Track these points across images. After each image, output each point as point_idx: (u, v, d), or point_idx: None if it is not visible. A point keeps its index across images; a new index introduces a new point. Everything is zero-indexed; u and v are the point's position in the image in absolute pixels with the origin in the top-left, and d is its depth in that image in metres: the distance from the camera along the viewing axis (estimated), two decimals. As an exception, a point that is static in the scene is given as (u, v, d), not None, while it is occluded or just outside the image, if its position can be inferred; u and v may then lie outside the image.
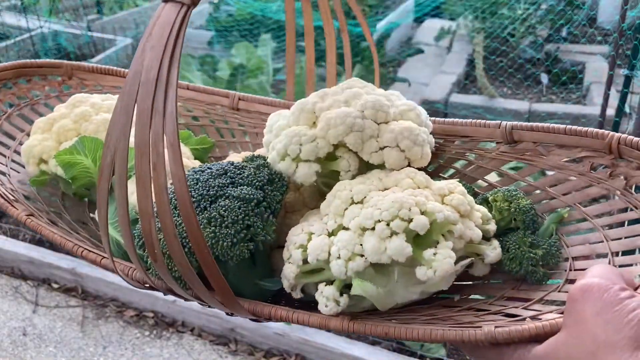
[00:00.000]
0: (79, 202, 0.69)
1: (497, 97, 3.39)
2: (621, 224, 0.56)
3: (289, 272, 0.50)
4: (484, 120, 0.64)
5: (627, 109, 2.46)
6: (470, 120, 0.65)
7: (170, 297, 1.87)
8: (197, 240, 0.38)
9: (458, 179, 0.62)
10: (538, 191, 0.63)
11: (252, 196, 0.50)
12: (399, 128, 0.54)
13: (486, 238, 0.54)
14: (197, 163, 0.69)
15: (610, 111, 2.70)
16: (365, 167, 0.56)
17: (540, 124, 0.61)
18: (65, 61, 0.77)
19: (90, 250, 0.55)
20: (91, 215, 0.68)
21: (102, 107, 0.69)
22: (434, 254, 0.46)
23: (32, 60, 0.75)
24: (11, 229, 2.61)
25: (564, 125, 0.60)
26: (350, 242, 0.46)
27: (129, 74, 0.37)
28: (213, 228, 0.48)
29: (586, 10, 4.01)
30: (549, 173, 0.62)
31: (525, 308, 0.51)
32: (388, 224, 0.46)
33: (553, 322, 0.43)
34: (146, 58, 0.36)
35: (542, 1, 3.80)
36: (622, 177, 0.55)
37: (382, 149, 0.54)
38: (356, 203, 0.50)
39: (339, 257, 0.46)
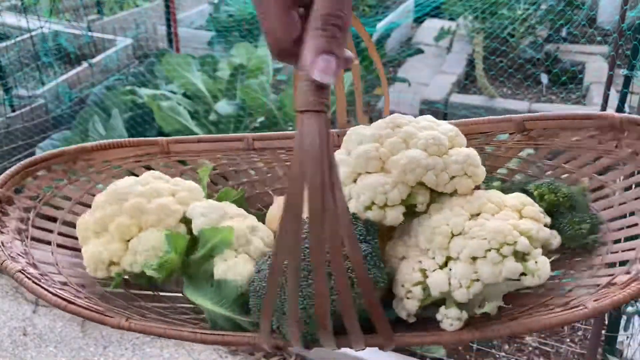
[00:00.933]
0: (143, 287, 0.69)
1: (497, 97, 3.39)
2: (637, 185, 0.66)
3: (411, 306, 0.57)
4: (498, 117, 0.73)
5: (626, 109, 2.46)
6: (487, 117, 0.73)
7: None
8: (370, 297, 0.45)
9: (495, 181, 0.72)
10: (552, 171, 0.72)
11: (367, 251, 0.56)
12: (461, 158, 0.61)
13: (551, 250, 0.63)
14: (249, 215, 0.71)
15: (610, 111, 2.71)
16: (435, 197, 0.62)
17: (548, 113, 0.70)
18: (66, 147, 0.74)
19: (231, 335, 0.59)
20: (172, 294, 0.69)
21: (149, 193, 0.69)
22: (535, 263, 0.54)
23: (34, 157, 0.73)
24: (11, 229, 2.62)
25: (570, 112, 0.69)
26: (466, 272, 0.54)
27: (291, 185, 0.41)
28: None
29: (586, 10, 4.01)
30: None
31: (595, 276, 0.59)
32: (498, 251, 0.54)
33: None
34: (307, 167, 0.40)
35: (542, 1, 3.80)
36: (627, 148, 0.65)
37: (451, 178, 0.61)
38: (456, 235, 0.57)
39: (460, 287, 0.54)
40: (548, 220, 0.62)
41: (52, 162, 0.74)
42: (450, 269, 0.55)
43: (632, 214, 0.63)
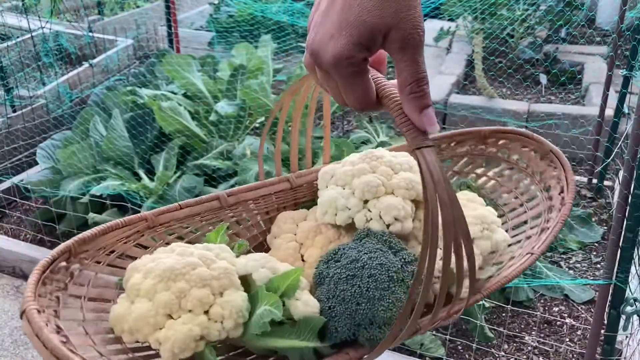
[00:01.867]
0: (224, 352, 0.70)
1: (496, 98, 3.40)
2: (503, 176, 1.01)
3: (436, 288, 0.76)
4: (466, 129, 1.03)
5: (625, 109, 2.47)
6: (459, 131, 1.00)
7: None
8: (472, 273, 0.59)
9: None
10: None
11: (410, 255, 0.73)
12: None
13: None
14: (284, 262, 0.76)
15: (609, 111, 2.71)
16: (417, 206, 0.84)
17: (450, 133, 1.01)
18: (66, 242, 0.72)
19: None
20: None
21: (194, 263, 0.67)
22: (499, 232, 0.83)
23: (38, 266, 0.69)
24: (12, 228, 2.62)
25: (460, 130, 1.01)
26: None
27: (430, 206, 0.51)
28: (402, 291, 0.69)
29: (585, 11, 4.02)
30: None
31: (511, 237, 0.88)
32: (487, 229, 0.80)
33: None
34: (438, 188, 0.51)
35: (541, 2, 3.81)
36: (492, 148, 0.99)
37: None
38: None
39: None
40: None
41: (56, 263, 0.72)
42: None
43: (509, 192, 0.95)
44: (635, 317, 1.73)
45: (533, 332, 2.06)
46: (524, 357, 1.97)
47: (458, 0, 3.71)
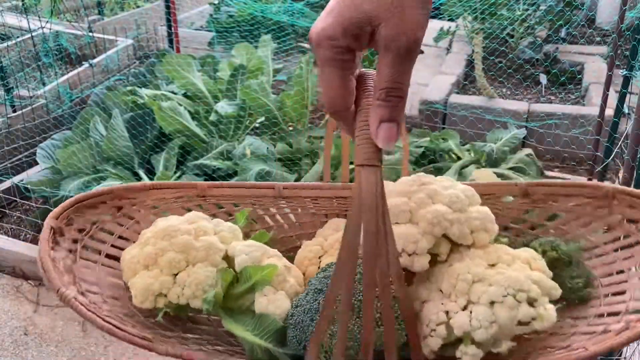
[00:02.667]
0: (182, 319, 0.75)
1: (496, 98, 3.40)
2: (625, 246, 0.75)
3: (435, 344, 0.62)
4: (504, 181, 0.84)
5: (625, 110, 2.46)
6: (495, 182, 0.85)
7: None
8: (412, 330, 0.52)
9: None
10: (552, 230, 0.81)
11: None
12: (480, 214, 0.69)
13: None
14: (281, 256, 0.77)
15: (609, 111, 2.71)
16: (455, 247, 0.70)
17: (548, 181, 0.80)
18: (113, 187, 0.80)
19: None
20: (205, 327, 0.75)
21: (195, 231, 0.74)
22: (544, 309, 0.62)
23: (81, 194, 0.77)
24: (12, 228, 2.62)
25: (568, 181, 0.79)
26: (486, 314, 0.61)
27: (348, 229, 0.46)
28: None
29: (585, 11, 4.02)
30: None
31: (591, 324, 0.67)
32: (514, 297, 0.61)
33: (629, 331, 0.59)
34: (364, 215, 0.45)
35: (541, 2, 3.81)
36: (618, 214, 0.75)
37: (471, 232, 0.68)
38: (476, 282, 0.63)
39: (480, 327, 0.60)
40: (550, 273, 0.69)
41: (100, 198, 0.79)
42: (471, 312, 0.62)
43: (621, 271, 0.72)
44: (635, 317, 1.73)
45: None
46: (524, 357, 1.97)
47: (458, 0, 3.71)
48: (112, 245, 0.79)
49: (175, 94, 2.93)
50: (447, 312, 0.62)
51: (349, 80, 0.47)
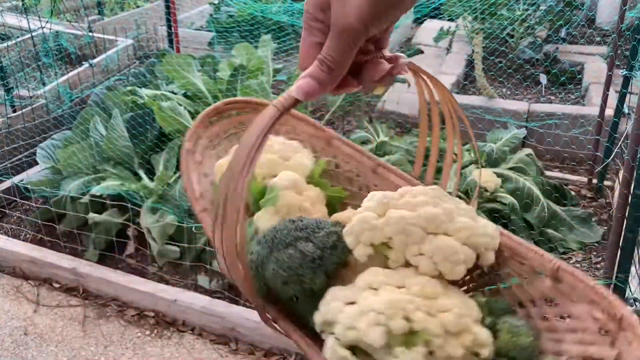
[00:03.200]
0: None
1: (496, 98, 3.40)
2: None
3: (316, 317, 0.65)
4: (541, 251, 0.68)
5: (625, 109, 2.47)
6: (534, 247, 0.68)
7: (171, 297, 1.86)
8: (243, 276, 0.61)
9: (493, 298, 0.70)
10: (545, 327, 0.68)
11: (311, 254, 0.67)
12: (441, 243, 0.65)
13: (480, 357, 0.63)
14: (319, 208, 0.84)
15: (609, 111, 2.71)
16: (409, 264, 0.67)
17: (580, 273, 0.64)
18: (250, 98, 0.92)
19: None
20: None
21: (273, 149, 0.88)
22: (403, 352, 0.59)
23: (255, 98, 0.91)
24: (12, 228, 2.62)
25: (593, 282, 0.63)
26: (352, 317, 0.61)
27: (240, 144, 0.55)
28: (276, 267, 0.67)
29: (585, 11, 4.02)
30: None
31: None
32: (377, 315, 0.59)
33: None
34: (245, 139, 0.54)
35: (541, 2, 3.81)
36: (616, 350, 0.59)
37: (420, 254, 0.65)
38: (372, 289, 0.63)
39: (341, 324, 0.61)
40: (483, 352, 0.62)
41: (257, 106, 0.90)
42: (346, 308, 0.63)
43: None
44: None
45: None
46: (524, 357, 1.97)
47: (458, 0, 3.71)
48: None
49: (175, 94, 2.93)
50: (335, 299, 0.65)
51: (312, 46, 0.54)
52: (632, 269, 1.58)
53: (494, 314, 0.67)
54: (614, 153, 2.61)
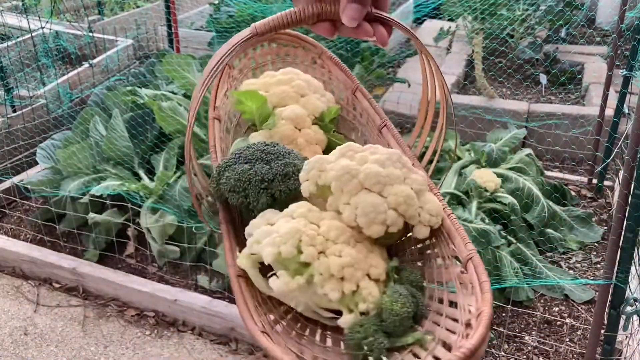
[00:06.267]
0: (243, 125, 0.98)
1: (496, 98, 3.40)
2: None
3: (247, 228, 0.73)
4: (467, 240, 0.70)
5: (625, 110, 2.47)
6: (463, 233, 0.71)
7: (171, 297, 1.85)
8: (188, 170, 0.75)
9: (408, 267, 0.73)
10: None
11: (261, 174, 0.74)
12: (368, 199, 0.69)
13: (351, 309, 0.67)
14: (314, 147, 0.90)
15: (609, 111, 2.71)
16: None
17: (482, 269, 0.66)
18: (318, 43, 0.99)
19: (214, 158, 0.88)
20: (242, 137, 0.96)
21: (293, 83, 0.94)
22: (281, 273, 0.66)
23: (303, 35, 0.98)
24: (12, 228, 2.62)
25: (483, 280, 0.65)
26: (259, 234, 0.69)
27: (210, 62, 0.64)
28: (228, 175, 0.75)
29: (585, 11, 4.01)
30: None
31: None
32: (275, 238, 0.66)
33: None
34: (218, 53, 0.63)
35: (541, 2, 3.81)
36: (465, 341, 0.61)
37: (347, 204, 0.70)
38: (288, 216, 0.70)
39: (253, 237, 0.70)
40: (359, 301, 0.66)
41: (302, 42, 0.99)
42: (263, 227, 0.70)
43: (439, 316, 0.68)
44: (635, 317, 1.73)
45: (533, 332, 2.06)
46: (524, 357, 1.97)
47: (458, 0, 3.71)
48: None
49: (175, 94, 2.92)
50: (262, 217, 0.72)
51: None
52: (632, 269, 1.58)
53: (403, 282, 0.70)
54: (614, 153, 2.61)
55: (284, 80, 0.95)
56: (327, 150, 0.90)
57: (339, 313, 0.68)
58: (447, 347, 0.63)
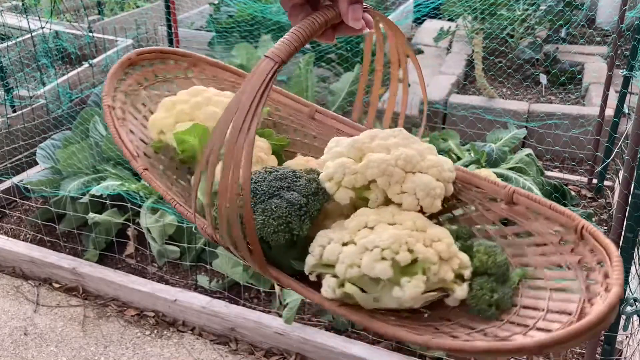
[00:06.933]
0: (182, 166, 0.90)
1: (496, 98, 3.40)
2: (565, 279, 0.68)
3: (310, 260, 0.68)
4: (495, 180, 0.77)
5: (625, 110, 2.47)
6: (484, 177, 0.77)
7: (171, 297, 1.86)
8: (248, 219, 0.60)
9: (457, 225, 0.75)
10: (515, 247, 0.75)
11: (297, 201, 0.70)
12: (420, 181, 0.71)
13: (462, 279, 0.69)
14: (272, 158, 0.88)
15: (609, 111, 2.71)
16: (389, 202, 0.72)
17: (536, 196, 0.72)
18: (193, 53, 0.97)
19: (181, 205, 0.76)
20: (189, 177, 0.90)
21: (213, 100, 0.89)
22: (408, 281, 0.64)
23: (170, 48, 0.94)
24: (12, 228, 2.62)
25: (550, 202, 0.71)
26: (353, 255, 0.64)
27: (232, 100, 0.56)
28: (264, 217, 0.69)
29: (585, 11, 4.02)
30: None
31: (466, 334, 0.65)
32: (382, 250, 0.63)
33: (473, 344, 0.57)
34: (245, 93, 0.54)
35: (541, 2, 3.81)
36: (578, 256, 0.67)
37: (403, 192, 0.71)
38: (368, 228, 0.68)
39: (343, 262, 0.65)
40: (466, 273, 0.68)
41: (179, 57, 0.94)
42: (344, 247, 0.66)
43: (542, 309, 0.66)
44: (635, 317, 1.74)
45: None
46: (524, 357, 1.97)
47: (458, 0, 3.71)
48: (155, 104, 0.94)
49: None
50: (330, 240, 0.68)
51: None
52: (632, 269, 1.58)
53: (461, 238, 0.73)
54: (614, 153, 2.61)
55: (203, 101, 0.89)
56: (274, 155, 0.90)
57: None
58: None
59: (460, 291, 0.68)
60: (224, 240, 0.65)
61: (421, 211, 0.72)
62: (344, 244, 0.67)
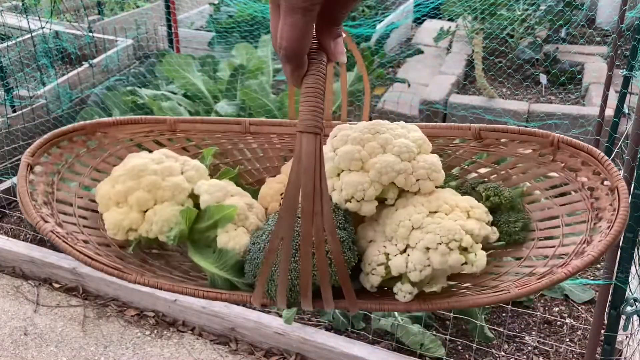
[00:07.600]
0: (161, 251, 0.82)
1: (496, 98, 3.40)
2: (562, 193, 0.80)
3: (374, 281, 0.71)
4: (457, 124, 0.85)
5: (625, 110, 2.47)
6: (448, 124, 0.85)
7: (171, 297, 1.86)
8: (343, 277, 0.61)
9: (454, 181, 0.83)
10: (497, 174, 0.87)
11: (344, 238, 0.70)
12: (427, 164, 0.74)
13: (490, 225, 0.77)
14: (245, 194, 0.83)
15: (609, 111, 2.71)
16: (402, 192, 0.76)
17: (500, 126, 0.82)
18: (85, 122, 0.85)
19: (228, 293, 0.72)
20: (174, 252, 0.83)
21: (162, 172, 0.80)
22: (475, 255, 0.69)
23: (59, 129, 0.82)
24: (12, 228, 2.62)
25: (519, 127, 0.81)
26: (421, 259, 0.68)
27: (289, 188, 0.53)
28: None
29: (585, 11, 4.02)
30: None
31: (521, 265, 0.74)
32: (447, 245, 0.68)
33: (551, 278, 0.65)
34: (302, 177, 0.52)
35: (541, 2, 3.81)
36: (560, 162, 0.80)
37: (417, 180, 0.74)
38: (416, 229, 0.71)
39: (414, 270, 0.68)
40: (490, 218, 0.77)
41: (74, 134, 0.84)
42: (408, 255, 0.70)
43: (554, 217, 0.79)
44: (635, 317, 1.73)
45: (533, 332, 2.06)
46: (524, 357, 1.97)
47: (458, 0, 3.71)
48: (90, 178, 0.85)
49: (175, 94, 2.93)
50: (387, 255, 0.71)
51: (312, 28, 0.53)
52: (632, 269, 1.58)
53: (467, 193, 0.81)
54: (614, 153, 2.61)
55: (147, 170, 0.80)
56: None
57: None
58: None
59: (494, 235, 0.77)
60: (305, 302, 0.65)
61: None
62: (402, 253, 0.70)
